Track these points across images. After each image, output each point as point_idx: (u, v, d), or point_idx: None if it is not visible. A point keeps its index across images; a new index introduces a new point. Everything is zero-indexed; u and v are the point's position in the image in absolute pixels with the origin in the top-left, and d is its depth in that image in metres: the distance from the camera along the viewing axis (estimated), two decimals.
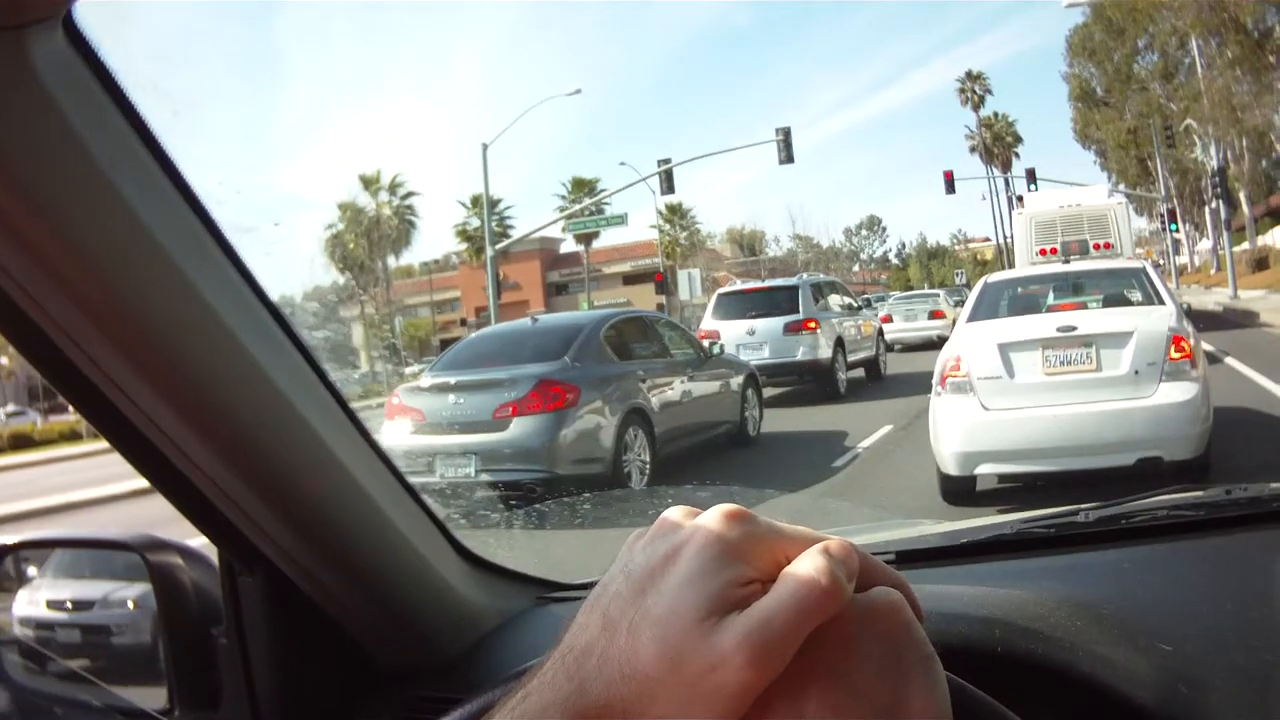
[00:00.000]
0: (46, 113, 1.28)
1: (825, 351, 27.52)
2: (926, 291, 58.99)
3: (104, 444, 1.73)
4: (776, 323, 27.52)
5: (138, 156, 1.43)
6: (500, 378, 15.66)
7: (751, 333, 27.44)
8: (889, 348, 36.86)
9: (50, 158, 1.31)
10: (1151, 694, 1.78)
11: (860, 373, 30.90)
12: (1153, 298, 13.49)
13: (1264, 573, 2.14)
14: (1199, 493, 2.70)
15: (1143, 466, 11.01)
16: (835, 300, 30.12)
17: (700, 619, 0.88)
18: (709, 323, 28.50)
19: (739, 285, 31.37)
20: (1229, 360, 24.12)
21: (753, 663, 0.86)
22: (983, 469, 11.95)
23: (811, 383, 27.73)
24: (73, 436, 51.25)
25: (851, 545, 0.95)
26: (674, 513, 1.00)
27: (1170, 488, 2.75)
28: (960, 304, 31.71)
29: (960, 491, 12.19)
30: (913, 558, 2.52)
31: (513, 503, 13.36)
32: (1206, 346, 14.76)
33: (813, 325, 27.39)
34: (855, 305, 32.18)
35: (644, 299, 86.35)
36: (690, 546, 0.93)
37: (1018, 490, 12.42)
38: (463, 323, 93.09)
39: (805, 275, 31.52)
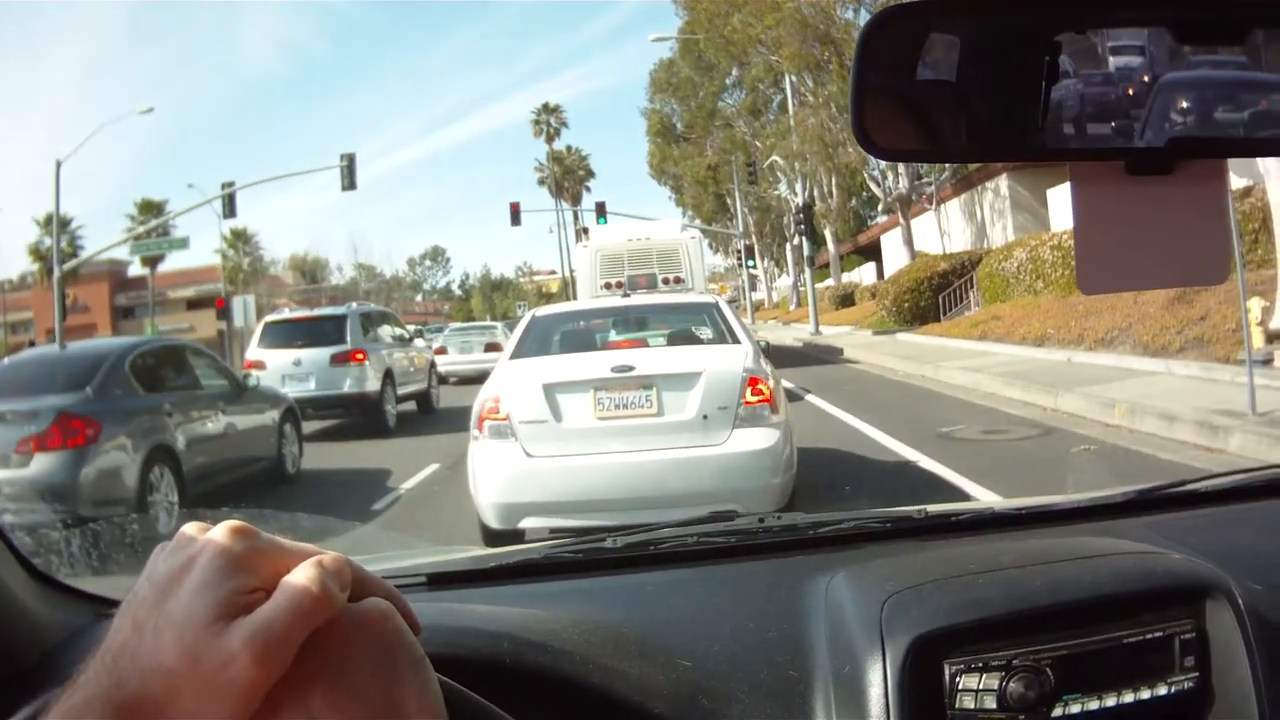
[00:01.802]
0: None
1: (373, 384, 27.05)
2: (484, 324, 57.55)
3: None
4: (323, 353, 26.80)
5: None
6: (22, 410, 14.46)
7: (298, 363, 26.72)
8: (443, 380, 37.97)
9: None
10: (669, 705, 2.10)
11: (412, 405, 30.77)
12: (725, 336, 12.52)
13: (792, 594, 2.49)
14: (731, 521, 3.19)
15: (714, 519, 9.38)
16: (385, 331, 29.82)
17: (210, 622, 0.99)
18: (254, 352, 27.54)
19: (286, 314, 31.33)
20: (810, 397, 24.91)
21: (257, 661, 0.98)
22: (527, 523, 10.66)
23: (359, 416, 27.20)
24: None
25: (345, 559, 1.08)
26: (190, 527, 1.09)
27: (706, 516, 3.31)
28: None
29: (505, 544, 10.15)
30: (444, 580, 2.78)
31: (69, 523, 12.32)
32: (787, 384, 14.90)
33: (360, 356, 26.86)
34: (406, 336, 31.83)
35: (207, 324, 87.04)
36: (202, 558, 1.04)
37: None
38: (32, 344, 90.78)
39: (354, 305, 30.87)
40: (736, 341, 12.19)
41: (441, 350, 43.60)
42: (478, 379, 13.15)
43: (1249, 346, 16.94)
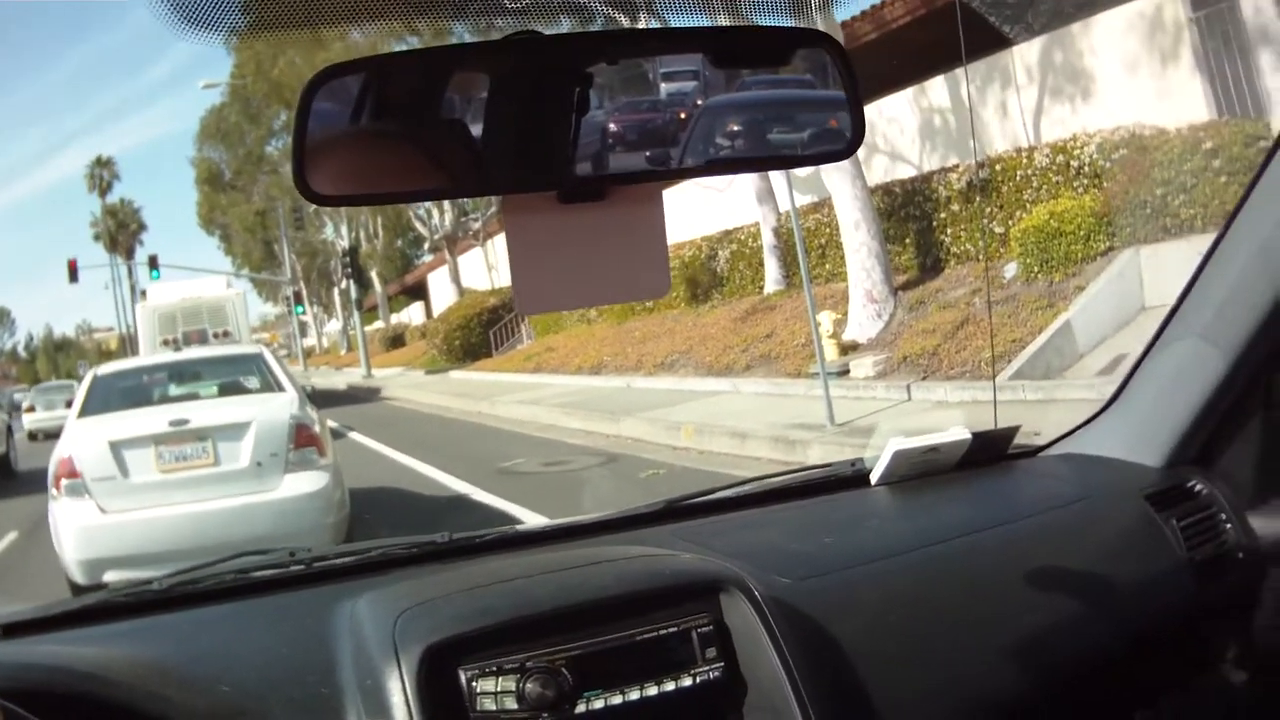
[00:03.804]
0: None
1: None
2: (66, 382, 60.23)
3: None
4: None
5: None
6: None
7: None
8: (33, 436, 40.47)
9: None
10: None
11: None
12: (272, 385, 13.22)
13: (321, 620, 2.59)
14: (264, 555, 3.24)
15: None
16: None
17: None
18: None
19: None
20: (363, 439, 25.43)
21: None
22: (110, 575, 10.63)
23: None
24: None
25: None
26: None
27: (242, 552, 3.28)
28: None
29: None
30: (14, 629, 2.75)
31: None
32: (331, 424, 15.36)
33: None
34: None
35: None
36: None
37: None
38: None
39: None
40: (282, 389, 12.83)
41: (30, 408, 47.44)
42: (60, 434, 12.67)
43: (821, 359, 17.32)
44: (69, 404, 37.72)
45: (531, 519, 12.78)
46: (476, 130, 1.63)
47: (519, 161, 1.64)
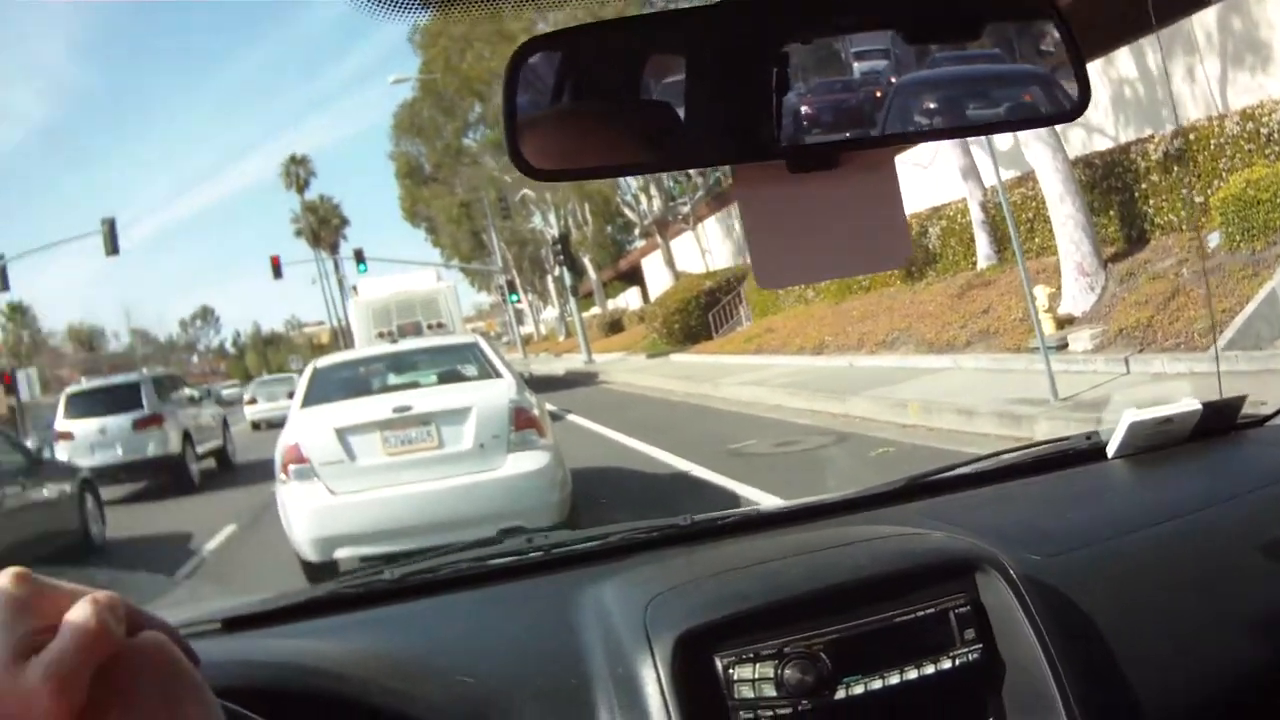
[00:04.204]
0: None
1: (175, 445, 27.37)
2: (284, 375, 62.43)
3: None
4: (125, 420, 27.06)
5: None
6: None
7: (103, 431, 26.91)
8: (256, 426, 43.88)
9: None
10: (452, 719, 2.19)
11: (211, 462, 30.92)
12: (489, 371, 13.74)
13: (565, 608, 2.55)
14: (500, 544, 3.24)
15: (505, 537, 9.94)
16: (177, 393, 30.24)
17: (7, 665, 0.98)
18: (61, 423, 27.87)
19: (85, 384, 31.25)
20: (571, 417, 26.05)
21: (56, 694, 0.97)
22: (340, 553, 11.80)
23: (166, 477, 27.20)
24: None
25: (118, 596, 1.07)
26: None
27: (476, 540, 3.33)
28: None
29: (323, 575, 11.48)
30: (237, 624, 2.80)
31: None
32: (550, 407, 15.42)
33: (159, 420, 27.22)
34: (196, 397, 32.29)
35: None
36: None
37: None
38: None
39: (145, 371, 32.59)
40: (500, 376, 13.38)
41: (252, 400, 51.19)
42: (282, 424, 13.51)
43: (1041, 334, 17.16)
44: (289, 395, 38.83)
45: (765, 500, 12.78)
46: (689, 100, 1.61)
47: (736, 131, 1.61)
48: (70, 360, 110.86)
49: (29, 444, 21.70)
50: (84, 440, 26.65)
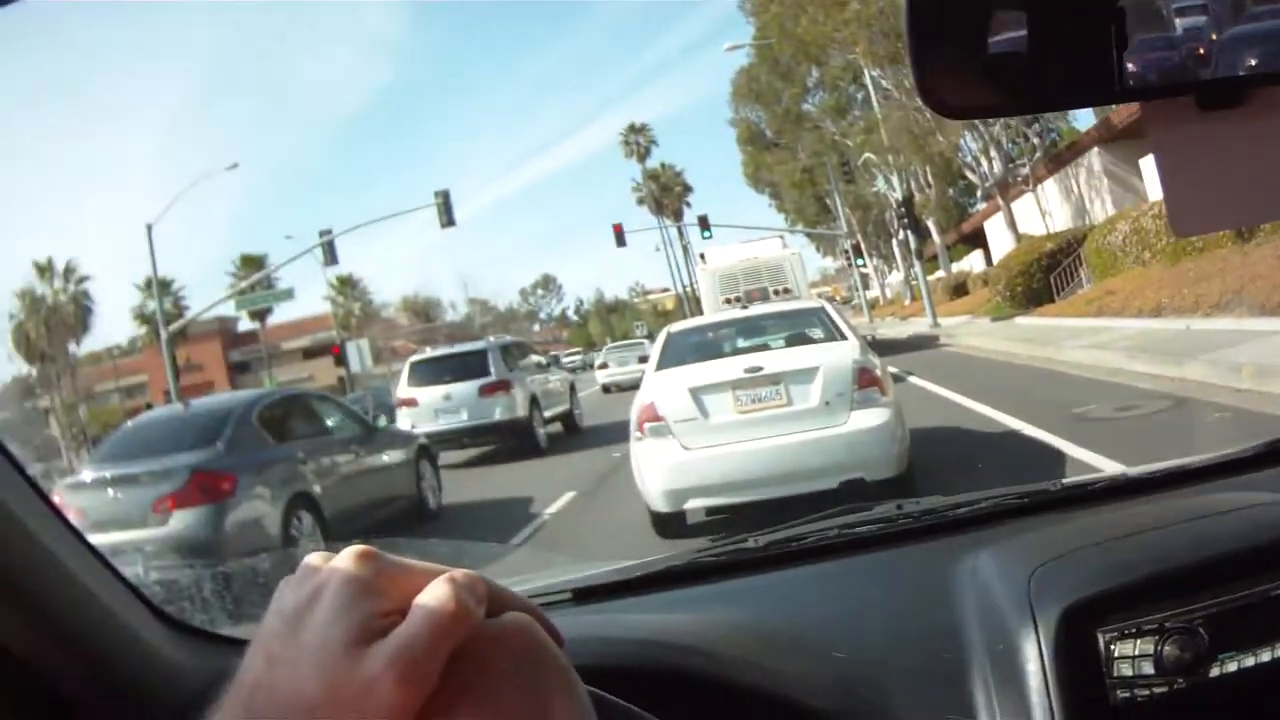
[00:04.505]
0: None
1: (522, 410, 28.27)
2: (634, 341, 65.27)
3: None
4: (471, 386, 28.15)
5: None
6: (155, 469, 14.68)
7: (448, 397, 28.05)
8: (606, 390, 45.43)
9: None
10: (828, 700, 2.05)
11: (558, 426, 31.83)
12: (834, 334, 14.18)
13: (939, 578, 2.41)
14: (868, 511, 3.08)
15: (847, 488, 11.84)
16: (525, 360, 31.13)
17: (348, 648, 0.95)
18: (405, 390, 29.15)
19: (430, 352, 31.98)
20: (912, 379, 25.89)
21: (401, 683, 0.93)
22: (690, 504, 12.60)
23: (512, 441, 28.20)
24: None
25: (478, 575, 1.03)
26: (313, 557, 1.06)
27: (843, 507, 3.13)
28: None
29: (671, 526, 12.83)
30: (589, 594, 2.76)
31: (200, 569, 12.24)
32: (892, 369, 15.87)
33: (507, 385, 28.21)
34: (544, 363, 33.52)
35: (325, 372, 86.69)
36: (330, 585, 0.99)
37: (727, 520, 13.04)
38: (148, 407, 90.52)
39: (492, 338, 32.77)
40: (844, 338, 13.81)
41: (603, 365, 53.38)
42: (633, 387, 14.04)
43: None
44: (639, 360, 40.79)
45: (1107, 466, 12.40)
46: (1102, 29, 1.48)
47: (1143, 63, 1.50)
48: (404, 331, 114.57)
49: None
50: (428, 406, 27.83)
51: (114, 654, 2.02)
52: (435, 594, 0.97)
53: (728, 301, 30.89)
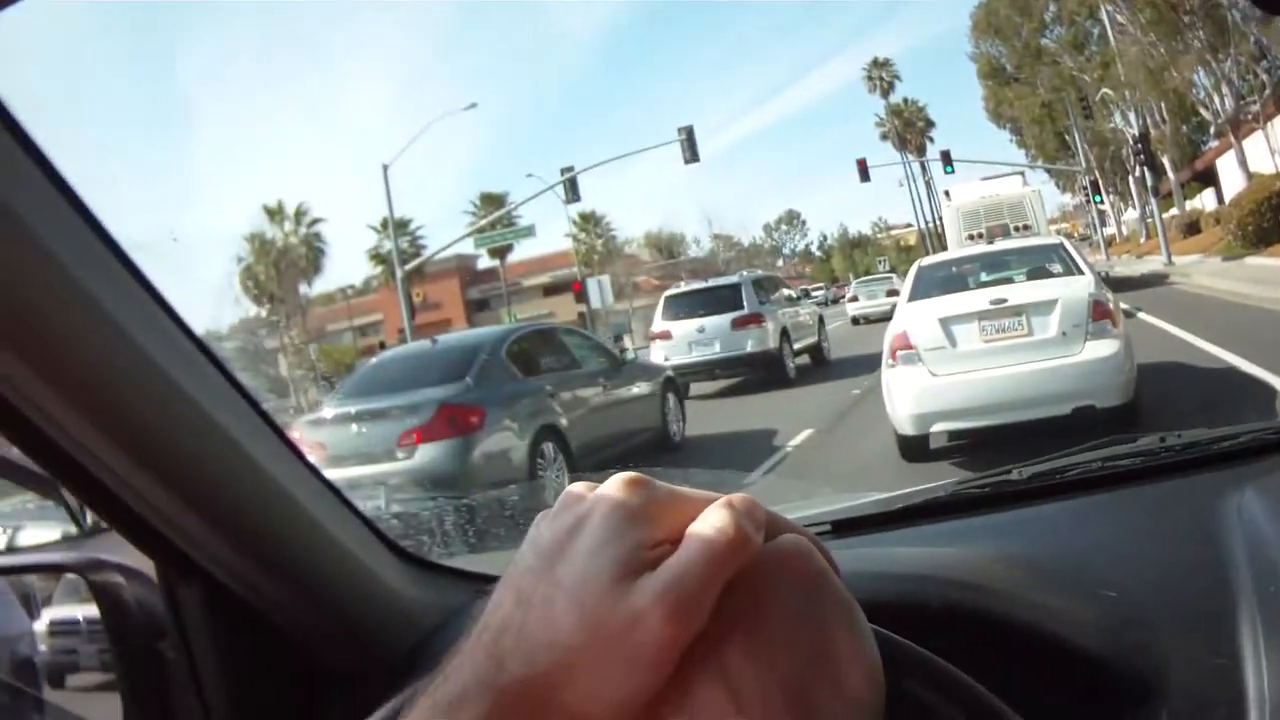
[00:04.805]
0: None
1: (773, 342, 28.58)
2: (883, 275, 66.53)
3: None
4: (724, 319, 28.60)
5: (20, 167, 1.42)
6: (401, 404, 15.16)
7: (701, 330, 28.61)
8: (855, 322, 46.10)
9: None
10: (1100, 640, 1.86)
11: (805, 359, 31.76)
12: (1072, 269, 14.96)
13: (1205, 515, 2.19)
14: (1132, 443, 2.77)
15: (1078, 414, 12.47)
16: (776, 294, 31.33)
17: (614, 582, 0.88)
18: (659, 324, 29.92)
19: (685, 287, 32.56)
20: (1141, 315, 25.61)
21: (671, 619, 0.86)
22: (936, 427, 13.46)
23: (763, 372, 28.40)
24: None
25: (755, 501, 0.95)
26: (576, 487, 0.99)
27: (1103, 440, 2.81)
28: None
29: (916, 449, 13.72)
30: (849, 526, 2.60)
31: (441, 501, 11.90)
32: (1123, 305, 15.86)
33: (758, 319, 28.53)
34: (794, 296, 34.29)
35: (566, 309, 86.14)
36: (595, 515, 0.93)
37: (965, 450, 13.81)
38: (382, 346, 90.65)
39: (745, 273, 33.29)
40: (1081, 273, 14.56)
41: (854, 298, 54.24)
42: (881, 319, 14.75)
43: None
44: (886, 294, 42.70)
45: None
46: None
47: None
48: (646, 267, 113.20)
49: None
50: (682, 339, 28.55)
51: (348, 591, 2.11)
52: (712, 521, 0.91)
53: (970, 237, 31.90)
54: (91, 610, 2.51)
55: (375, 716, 1.21)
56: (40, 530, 7.30)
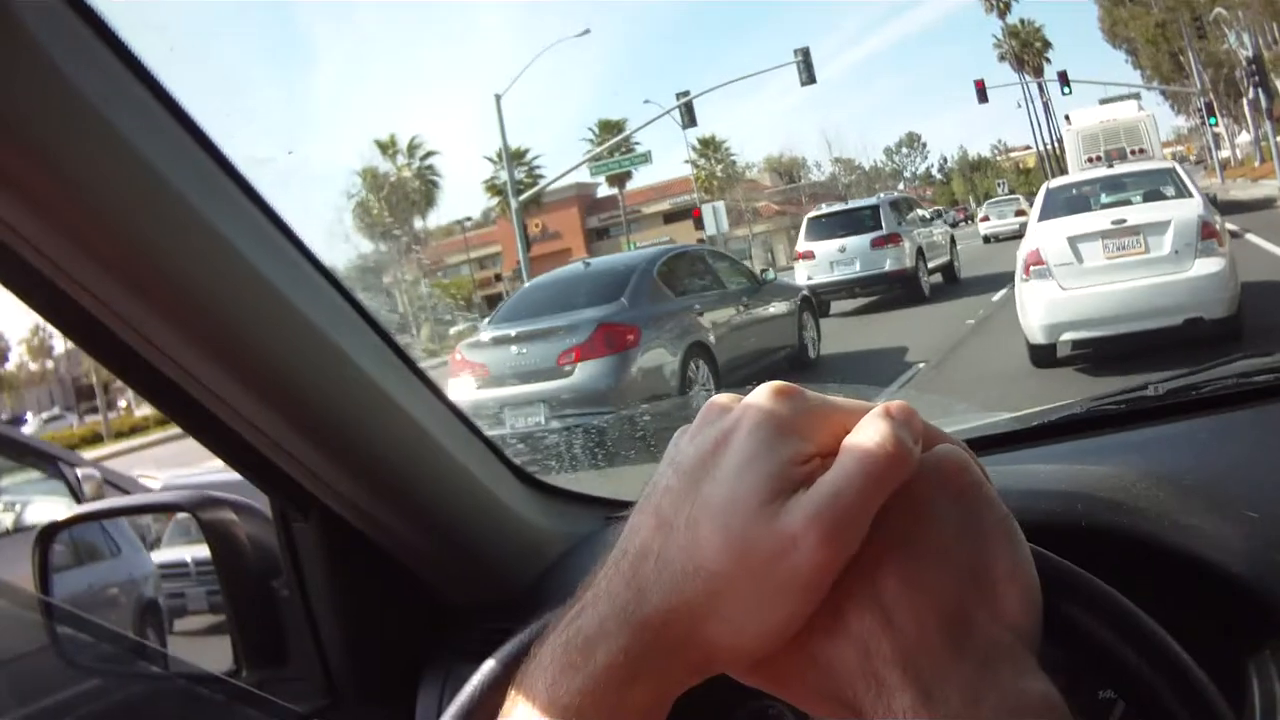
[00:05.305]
0: (31, 50, 1.19)
1: (909, 261, 29.72)
2: (1011, 196, 69.83)
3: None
4: (864, 239, 29.80)
5: (133, 93, 1.35)
6: (560, 325, 15.73)
7: (842, 250, 29.81)
8: (986, 240, 48.88)
9: (38, 100, 1.22)
10: (1243, 561, 1.66)
11: (939, 278, 33.00)
12: (1183, 192, 15.94)
13: None
14: (1267, 358, 2.51)
15: (1188, 326, 13.47)
16: (911, 214, 33.09)
17: (763, 502, 0.81)
18: (803, 244, 31.24)
19: (825, 209, 33.40)
20: (1249, 236, 25.72)
21: (826, 541, 0.79)
22: (1065, 336, 14.58)
23: (901, 290, 29.57)
24: (94, 440, 51.22)
25: (912, 409, 0.88)
26: (720, 398, 0.94)
27: (1236, 355, 2.60)
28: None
29: (1045, 357, 14.85)
30: (982, 444, 2.33)
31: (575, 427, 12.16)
32: (1230, 226, 17.35)
33: (896, 239, 29.71)
34: (928, 217, 35.54)
35: (685, 235, 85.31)
36: (741, 429, 0.86)
37: (1089, 365, 14.70)
38: (498, 278, 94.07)
39: (883, 195, 36.12)
40: (1191, 195, 15.62)
41: (985, 219, 58.31)
42: (1011, 237, 15.95)
43: None
44: (1015, 214, 47.55)
45: None
46: None
47: None
48: (767, 193, 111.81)
49: None
50: (824, 259, 29.84)
51: (475, 522, 2.07)
52: (869, 433, 0.84)
53: (1089, 160, 32.93)
54: (200, 551, 2.61)
55: (502, 651, 1.15)
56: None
